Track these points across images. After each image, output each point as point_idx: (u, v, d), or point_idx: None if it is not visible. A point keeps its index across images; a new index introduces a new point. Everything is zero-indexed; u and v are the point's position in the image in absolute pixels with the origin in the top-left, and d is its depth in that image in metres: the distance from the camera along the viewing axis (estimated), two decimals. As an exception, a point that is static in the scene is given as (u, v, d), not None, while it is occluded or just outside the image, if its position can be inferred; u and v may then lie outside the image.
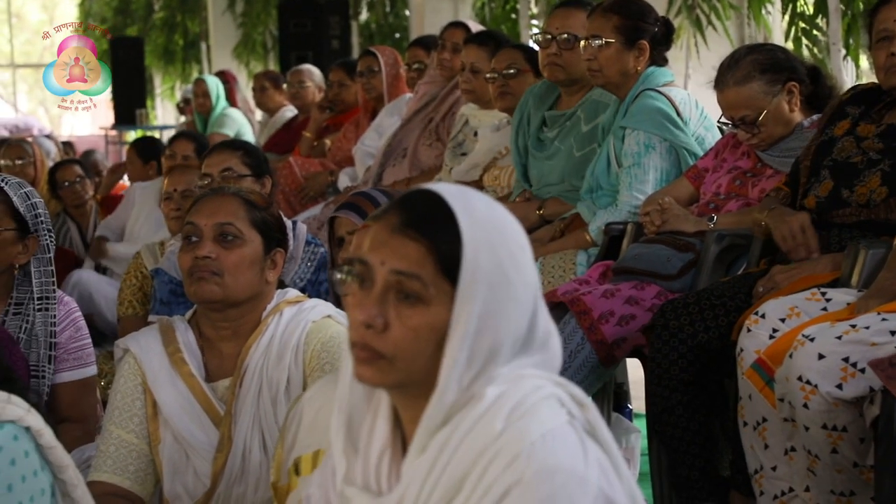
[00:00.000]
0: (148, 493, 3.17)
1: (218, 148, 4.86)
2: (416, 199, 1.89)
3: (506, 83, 5.26)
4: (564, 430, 1.82)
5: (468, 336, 1.83)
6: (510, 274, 1.85)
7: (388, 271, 1.86)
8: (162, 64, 19.56)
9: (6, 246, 3.70)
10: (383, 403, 1.96)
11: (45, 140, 11.58)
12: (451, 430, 1.83)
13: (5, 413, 2.41)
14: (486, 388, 1.83)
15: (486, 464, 1.79)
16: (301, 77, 8.53)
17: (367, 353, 1.87)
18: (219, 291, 3.13)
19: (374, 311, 1.86)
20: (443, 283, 1.84)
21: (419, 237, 1.85)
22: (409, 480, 1.85)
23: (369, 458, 1.94)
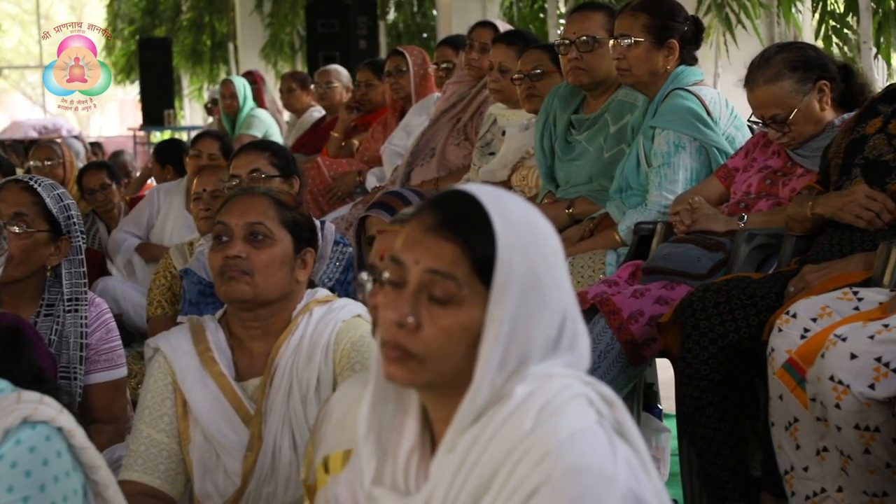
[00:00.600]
0: (178, 493, 3.18)
1: (246, 149, 4.87)
2: (451, 199, 1.89)
3: (532, 85, 5.26)
4: (593, 429, 1.82)
5: (501, 338, 1.82)
6: (543, 276, 1.85)
7: (422, 270, 1.85)
8: (190, 65, 19.63)
9: (39, 247, 3.72)
10: (412, 403, 1.96)
11: (74, 141, 11.65)
12: (479, 429, 1.83)
13: (38, 413, 2.42)
14: (515, 387, 1.83)
15: (514, 462, 1.79)
16: (329, 77, 8.53)
17: (399, 352, 1.86)
18: (249, 291, 3.13)
19: (406, 311, 1.86)
20: (476, 284, 1.84)
21: (454, 237, 1.85)
22: (437, 479, 1.85)
23: (398, 458, 1.94)
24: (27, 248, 3.69)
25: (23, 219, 3.71)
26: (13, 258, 3.56)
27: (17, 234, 3.67)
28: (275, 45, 16.85)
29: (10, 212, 3.69)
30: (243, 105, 9.37)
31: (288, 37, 16.66)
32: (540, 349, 1.85)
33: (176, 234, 6.52)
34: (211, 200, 5.06)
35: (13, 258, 3.56)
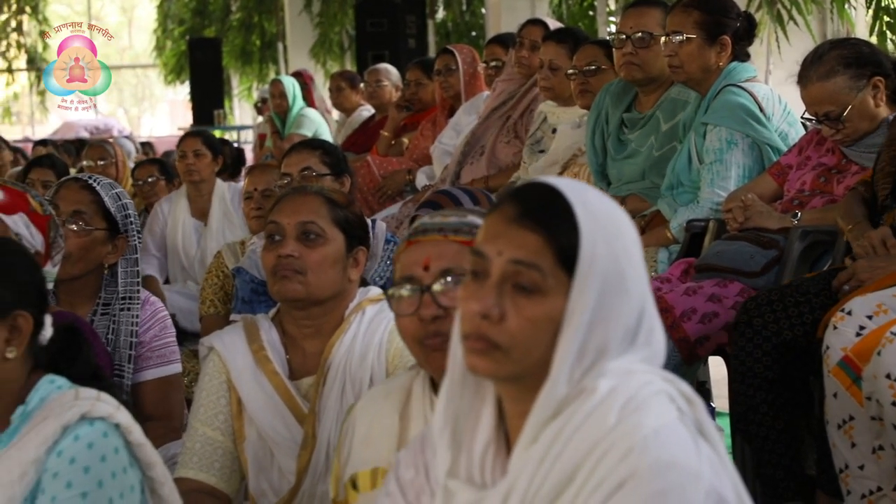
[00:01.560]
0: (233, 490, 3.19)
1: (297, 147, 4.88)
2: (532, 190, 1.90)
3: (586, 80, 5.25)
4: (676, 425, 1.81)
5: (582, 327, 1.82)
6: (624, 267, 1.86)
7: (505, 261, 1.85)
8: (239, 64, 19.74)
9: (96, 245, 3.76)
10: (489, 396, 1.95)
11: (126, 141, 11.72)
12: (562, 423, 1.82)
13: (95, 410, 2.44)
14: (598, 382, 1.83)
15: (598, 457, 1.78)
16: (378, 76, 8.54)
17: (483, 343, 1.86)
18: (302, 290, 3.14)
19: (490, 302, 1.85)
20: (560, 274, 1.84)
21: (537, 227, 1.85)
22: (518, 472, 1.84)
23: (473, 451, 1.93)
24: (85, 245, 3.73)
25: (81, 217, 3.75)
26: (71, 256, 3.60)
27: (76, 232, 3.71)
28: (324, 44, 16.90)
29: (69, 210, 3.73)
30: (293, 105, 9.39)
31: (337, 36, 16.71)
32: (618, 341, 1.85)
33: (187, 241, 6.54)
34: (262, 199, 5.09)
35: (71, 256, 3.60)
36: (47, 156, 7.22)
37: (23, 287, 2.50)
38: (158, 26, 22.34)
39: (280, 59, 18.78)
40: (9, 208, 3.18)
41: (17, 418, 2.47)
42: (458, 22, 13.61)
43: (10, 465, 2.40)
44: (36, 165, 6.73)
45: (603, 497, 1.76)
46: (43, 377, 2.52)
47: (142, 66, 26.89)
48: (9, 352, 2.46)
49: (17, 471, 2.39)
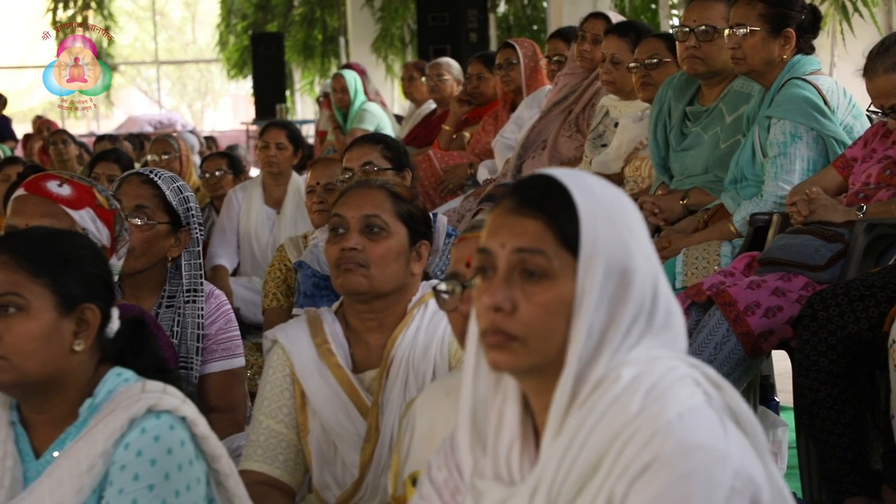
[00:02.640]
0: (297, 483, 3.21)
1: (358, 142, 4.89)
2: (528, 182, 1.92)
3: (648, 73, 5.23)
4: (702, 408, 1.81)
5: (592, 306, 1.83)
6: (629, 244, 1.86)
7: (509, 252, 1.86)
8: (301, 59, 19.80)
9: (160, 239, 3.79)
10: (511, 392, 1.95)
11: (189, 135, 11.80)
12: (586, 412, 1.83)
13: (162, 403, 2.46)
14: (621, 370, 1.83)
15: (623, 444, 1.79)
16: (440, 70, 8.54)
17: (499, 336, 1.86)
18: (365, 283, 3.15)
19: (500, 294, 1.86)
20: (565, 256, 1.85)
21: (536, 213, 1.86)
22: (544, 465, 1.85)
23: (499, 449, 1.94)
24: (148, 239, 3.76)
25: (144, 211, 3.78)
26: (135, 250, 3.62)
27: (139, 227, 3.74)
28: (385, 38, 16.92)
29: (132, 204, 3.76)
30: (354, 99, 9.41)
31: (399, 30, 16.73)
32: (633, 317, 1.85)
33: (259, 229, 6.58)
34: (324, 193, 5.10)
35: (135, 250, 3.62)
36: (112, 150, 7.27)
37: (90, 280, 2.53)
38: (221, 21, 22.46)
39: (342, 54, 18.82)
40: (76, 203, 3.21)
41: (85, 411, 2.49)
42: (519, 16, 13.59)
43: (79, 457, 2.42)
44: (101, 160, 6.79)
45: (628, 482, 1.77)
46: (110, 370, 2.54)
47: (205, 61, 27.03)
48: (76, 344, 2.49)
49: (85, 463, 2.42)
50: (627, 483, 1.77)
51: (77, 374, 2.51)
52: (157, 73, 25.89)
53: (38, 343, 2.44)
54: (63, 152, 9.74)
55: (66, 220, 3.15)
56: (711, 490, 1.74)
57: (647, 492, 1.75)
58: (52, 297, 2.47)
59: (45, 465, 2.48)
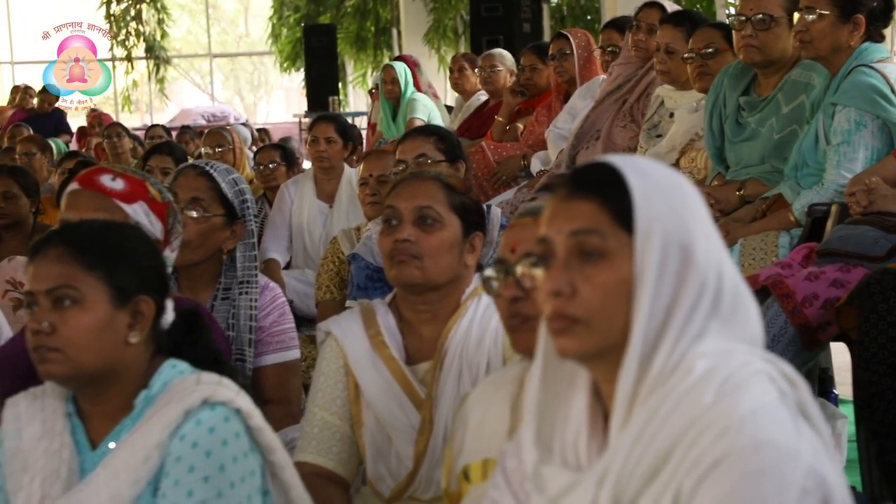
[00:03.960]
0: (351, 475, 3.21)
1: (412, 134, 4.89)
2: (580, 169, 1.94)
3: (704, 63, 5.19)
4: (775, 405, 1.79)
5: (653, 283, 1.82)
6: (687, 219, 1.85)
7: (565, 236, 1.87)
8: (354, 51, 19.84)
9: (215, 231, 3.80)
10: (581, 380, 1.95)
11: (242, 128, 11.84)
12: (658, 402, 1.81)
13: (217, 395, 2.47)
14: (695, 362, 1.81)
15: (694, 436, 1.77)
16: (493, 61, 8.52)
17: (562, 321, 1.87)
18: (419, 274, 3.14)
19: (560, 278, 1.86)
20: (622, 235, 1.85)
21: (588, 195, 1.87)
22: (614, 452, 1.84)
23: (566, 435, 1.94)
24: (203, 232, 3.77)
25: (199, 203, 3.79)
26: (190, 242, 3.63)
27: (195, 219, 3.74)
28: (438, 29, 16.93)
29: (187, 197, 3.77)
30: (405, 90, 9.41)
31: (451, 21, 16.73)
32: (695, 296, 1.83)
33: (312, 222, 6.58)
34: (377, 185, 5.10)
35: (190, 242, 3.63)
36: (166, 143, 7.33)
37: (145, 273, 2.54)
38: (274, 13, 22.53)
39: (394, 45, 18.85)
40: (129, 197, 3.22)
41: (141, 402, 2.50)
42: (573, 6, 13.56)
43: (135, 448, 2.43)
44: (155, 152, 6.83)
45: (698, 477, 1.75)
46: (165, 362, 2.55)
47: (258, 54, 27.16)
48: (132, 336, 2.50)
49: (141, 454, 2.43)
50: (697, 478, 1.75)
51: (132, 365, 2.52)
52: (209, 66, 26.02)
53: (94, 335, 2.46)
54: (117, 145, 9.80)
55: (119, 215, 3.16)
56: (783, 489, 1.73)
57: (716, 489, 1.74)
58: (107, 290, 2.48)
59: (101, 456, 2.50)
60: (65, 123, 14.00)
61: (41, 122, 13.02)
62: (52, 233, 2.59)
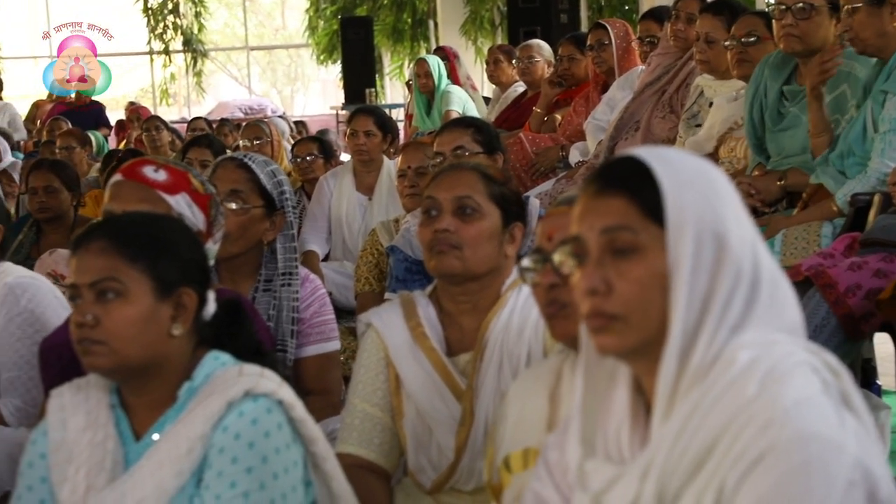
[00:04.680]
0: (392, 466, 3.21)
1: (449, 126, 4.89)
2: (608, 164, 1.93)
3: (744, 50, 5.16)
4: (819, 397, 1.78)
5: (688, 275, 1.81)
6: (718, 208, 1.85)
7: (597, 233, 1.87)
8: (390, 43, 19.84)
9: (255, 223, 3.81)
10: (622, 379, 1.95)
11: (280, 120, 11.86)
12: (700, 395, 1.80)
13: (259, 386, 2.47)
14: (737, 353, 1.80)
15: (737, 429, 1.76)
16: (530, 52, 8.50)
17: (600, 319, 1.86)
18: (458, 265, 3.14)
19: (594, 277, 1.86)
20: (653, 228, 1.84)
21: (617, 191, 1.87)
22: (656, 446, 1.83)
23: (608, 429, 1.93)
24: (243, 224, 3.78)
25: (239, 195, 3.80)
26: (230, 234, 3.64)
27: (234, 211, 3.75)
28: (475, 21, 16.90)
29: (227, 189, 3.77)
30: (439, 83, 9.40)
31: (488, 13, 16.69)
32: (731, 286, 1.82)
33: (351, 216, 6.59)
34: (416, 177, 5.10)
35: (230, 234, 3.64)
36: (205, 135, 7.34)
37: (187, 264, 2.54)
38: (311, 6, 22.55)
39: (431, 37, 18.83)
40: (172, 188, 3.23)
41: (184, 394, 2.51)
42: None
43: (178, 440, 2.44)
44: (194, 145, 6.85)
45: (742, 471, 1.74)
46: (208, 353, 2.56)
47: (294, 46, 27.19)
48: (174, 328, 2.51)
49: (184, 446, 2.44)
50: (741, 472, 1.74)
51: (175, 357, 2.53)
52: (247, 59, 26.07)
53: (137, 328, 2.46)
54: (156, 139, 9.85)
55: (161, 205, 3.17)
56: (828, 482, 1.71)
57: (761, 483, 1.73)
58: (150, 282, 2.48)
59: (144, 447, 2.51)
60: (104, 117, 14.07)
61: (80, 115, 13.09)
62: (95, 225, 2.60)
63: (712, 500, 1.77)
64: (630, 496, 1.84)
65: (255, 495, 2.42)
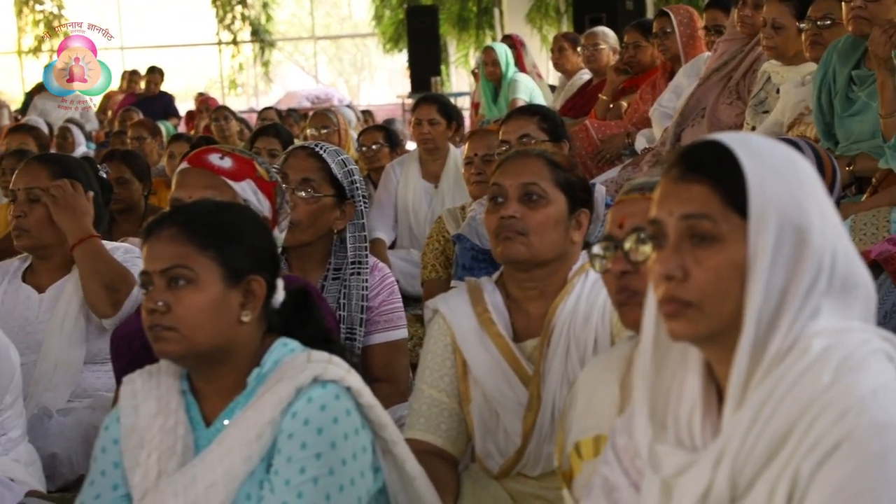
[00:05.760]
0: (460, 451, 3.22)
1: (515, 114, 4.89)
2: (693, 148, 1.91)
3: (819, 33, 5.11)
4: (895, 385, 1.76)
5: (766, 268, 1.80)
6: (802, 200, 1.83)
7: (677, 219, 1.86)
8: (456, 31, 19.82)
9: (325, 212, 3.83)
10: (694, 360, 1.94)
11: (347, 109, 11.90)
12: (774, 383, 1.79)
13: (328, 373, 2.49)
14: (811, 341, 1.79)
15: (812, 417, 1.75)
16: (595, 40, 8.47)
17: (674, 305, 1.86)
18: (525, 251, 3.14)
19: (671, 262, 1.85)
20: (734, 218, 1.83)
21: (700, 178, 1.85)
22: (730, 434, 1.82)
23: (680, 415, 1.93)
24: (314, 212, 3.80)
25: (310, 184, 3.82)
26: (301, 223, 3.67)
27: (305, 200, 3.78)
28: (540, 8, 16.85)
29: (298, 178, 3.80)
30: (506, 71, 9.39)
31: (554, 0, 16.63)
32: (811, 280, 1.81)
33: (417, 202, 6.61)
34: (482, 164, 5.10)
35: (301, 223, 3.67)
36: (273, 125, 7.39)
37: (256, 252, 2.57)
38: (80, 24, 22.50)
39: (496, 25, 18.81)
40: (237, 175, 3.26)
41: (253, 380, 2.53)
42: (676, -18, 13.40)
43: (248, 425, 2.47)
44: (262, 134, 6.90)
45: (817, 460, 1.73)
46: (276, 340, 2.58)
47: (361, 36, 27.24)
48: (244, 315, 2.53)
49: (254, 431, 2.46)
50: (816, 461, 1.73)
51: (244, 344, 2.55)
52: (313, 49, 26.17)
53: (207, 315, 2.49)
54: (224, 128, 9.92)
55: (227, 192, 3.20)
56: None
57: (837, 473, 1.72)
58: (220, 269, 2.51)
59: (215, 433, 2.54)
60: (173, 107, 14.20)
61: (150, 104, 13.22)
62: (166, 214, 2.63)
63: (786, 489, 1.76)
64: (703, 484, 1.83)
65: (323, 480, 2.44)
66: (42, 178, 4.11)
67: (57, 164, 4.20)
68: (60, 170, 4.14)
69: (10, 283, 4.22)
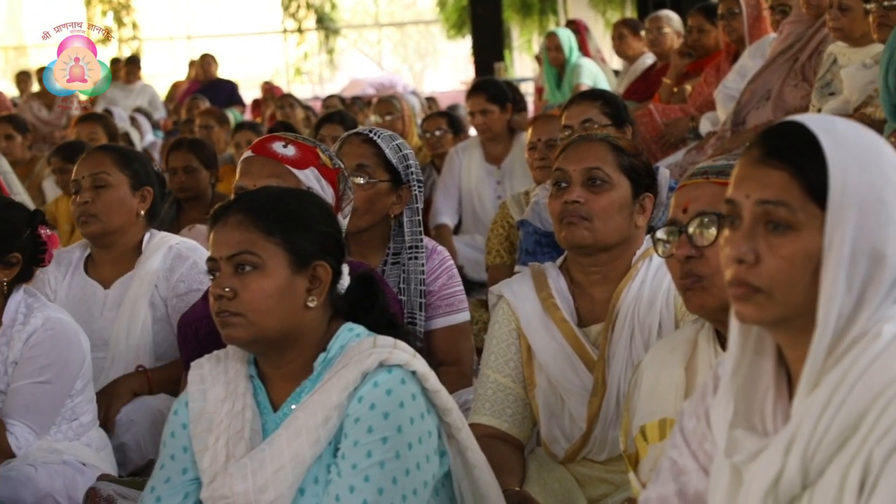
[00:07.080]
0: (525, 436, 3.23)
1: (578, 99, 4.88)
2: (776, 129, 1.87)
3: (885, 14, 5.05)
4: None
5: (843, 261, 1.77)
6: (884, 194, 1.79)
7: (753, 203, 1.83)
8: (519, 17, 19.79)
9: (382, 197, 3.84)
10: (768, 346, 1.92)
11: (411, 96, 11.91)
12: (845, 369, 1.77)
13: (393, 357, 2.50)
14: (882, 326, 1.77)
15: (885, 404, 1.73)
16: (659, 23, 8.43)
17: (743, 288, 1.83)
18: (588, 236, 3.14)
19: (744, 246, 1.83)
20: (812, 208, 1.80)
21: (782, 164, 1.82)
22: (800, 420, 1.80)
23: (753, 400, 1.91)
24: (370, 198, 3.81)
25: (365, 170, 3.83)
26: (358, 209, 3.68)
27: (361, 185, 3.79)
28: (604, -7, 16.76)
29: (353, 164, 3.81)
30: (570, 56, 9.37)
31: (617, -16, 16.56)
32: (890, 271, 1.79)
33: (479, 186, 6.63)
34: (546, 149, 5.10)
35: (358, 209, 3.68)
36: (337, 112, 7.43)
37: (321, 238, 2.58)
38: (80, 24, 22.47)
39: (560, 10, 18.75)
40: (301, 163, 3.27)
41: (320, 365, 2.55)
42: (741, -36, 13.29)
43: (315, 409, 2.48)
44: (327, 121, 6.93)
45: (890, 446, 1.72)
46: (342, 325, 2.59)
47: (425, 23, 27.26)
48: (310, 301, 2.55)
49: (320, 415, 2.47)
50: (889, 448, 1.72)
51: (311, 329, 2.56)
52: (378, 36, 26.22)
53: (274, 300, 2.51)
54: (290, 116, 9.98)
55: (291, 180, 3.22)
56: None
57: None
58: (286, 255, 2.52)
59: (282, 417, 2.55)
60: (237, 95, 14.27)
61: (215, 92, 13.28)
62: (233, 200, 2.65)
63: (859, 476, 1.74)
64: (774, 470, 1.82)
65: (390, 464, 2.45)
66: (106, 164, 4.13)
67: (119, 154, 4.22)
68: (123, 158, 4.17)
69: (72, 275, 4.21)
